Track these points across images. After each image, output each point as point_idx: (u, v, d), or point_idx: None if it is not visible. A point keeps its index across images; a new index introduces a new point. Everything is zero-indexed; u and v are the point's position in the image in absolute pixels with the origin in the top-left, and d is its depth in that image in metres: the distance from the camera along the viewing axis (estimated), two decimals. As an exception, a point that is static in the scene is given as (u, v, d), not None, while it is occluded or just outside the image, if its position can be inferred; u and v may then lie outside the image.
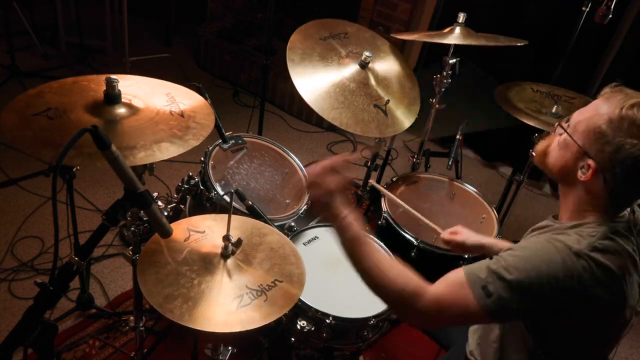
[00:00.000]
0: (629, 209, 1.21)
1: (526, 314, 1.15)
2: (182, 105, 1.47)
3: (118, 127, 1.34)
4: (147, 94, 1.48)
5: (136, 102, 1.42)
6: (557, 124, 1.24)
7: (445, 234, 1.72)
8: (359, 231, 1.20)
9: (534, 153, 1.32)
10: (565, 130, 1.20)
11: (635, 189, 1.13)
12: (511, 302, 1.08)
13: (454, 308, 1.11)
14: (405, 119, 2.07)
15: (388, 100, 2.03)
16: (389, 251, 1.84)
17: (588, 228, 1.15)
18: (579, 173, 1.15)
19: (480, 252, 1.66)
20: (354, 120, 1.92)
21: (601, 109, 1.12)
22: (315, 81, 1.94)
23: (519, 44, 2.16)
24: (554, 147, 1.23)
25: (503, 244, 1.62)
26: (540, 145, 1.29)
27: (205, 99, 1.62)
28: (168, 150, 1.28)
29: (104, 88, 1.37)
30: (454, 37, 2.17)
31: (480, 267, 1.13)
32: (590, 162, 1.13)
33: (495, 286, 1.08)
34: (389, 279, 1.16)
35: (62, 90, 1.44)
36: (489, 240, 1.66)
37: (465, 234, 1.69)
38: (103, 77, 1.43)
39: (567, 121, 1.21)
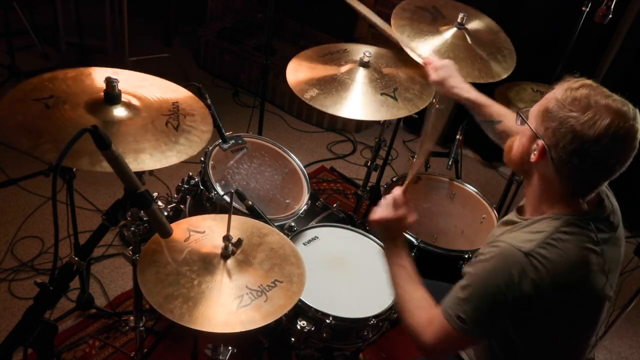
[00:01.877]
0: (598, 202, 1.22)
1: (501, 322, 1.19)
2: (183, 118, 1.46)
3: (113, 128, 1.34)
4: (152, 99, 1.48)
5: (137, 104, 1.42)
6: (516, 112, 1.30)
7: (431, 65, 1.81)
8: (405, 260, 1.39)
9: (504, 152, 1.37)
10: (521, 116, 1.26)
11: (578, 165, 1.12)
12: (482, 319, 1.17)
13: (449, 343, 1.22)
14: (419, 100, 2.06)
15: (396, 88, 2.03)
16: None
17: (542, 224, 1.18)
18: (531, 156, 1.19)
19: (444, 92, 1.77)
20: (361, 106, 1.93)
21: (553, 92, 1.19)
22: (329, 97, 1.95)
23: (493, 80, 2.15)
24: (518, 139, 1.28)
25: (476, 98, 1.72)
26: (508, 142, 1.35)
27: (205, 99, 1.63)
28: (143, 162, 1.28)
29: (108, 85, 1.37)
30: (439, 43, 2.15)
31: (451, 299, 1.21)
32: (539, 141, 1.16)
33: (464, 311, 1.17)
34: (408, 311, 1.31)
35: (73, 81, 1.44)
36: (465, 87, 1.75)
37: (445, 72, 1.77)
38: (122, 71, 1.42)
39: (526, 113, 1.26)
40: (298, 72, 2.00)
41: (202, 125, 1.47)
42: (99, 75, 1.47)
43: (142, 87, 1.51)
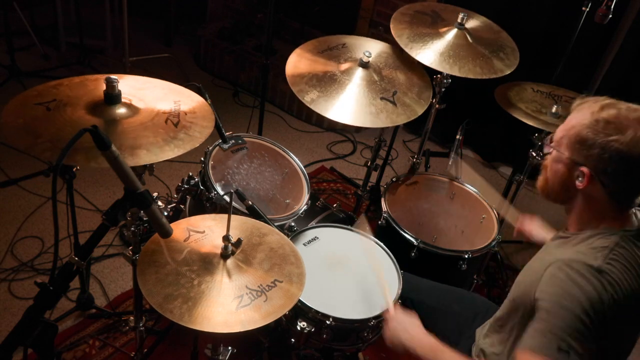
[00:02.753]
0: (638, 214, 1.24)
1: (599, 341, 1.13)
2: (183, 115, 1.46)
3: (113, 128, 1.34)
4: (154, 98, 1.48)
5: (137, 104, 1.42)
6: (544, 146, 1.31)
7: (521, 224, 1.80)
8: (428, 341, 1.35)
9: (538, 190, 1.35)
10: (552, 147, 1.26)
11: (630, 182, 1.16)
12: (583, 342, 1.09)
13: None
14: (417, 105, 2.06)
15: (395, 91, 2.03)
16: (388, 251, 1.84)
17: (600, 239, 1.18)
18: (577, 183, 1.19)
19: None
20: (362, 113, 1.93)
21: (576, 119, 1.19)
22: (326, 97, 1.96)
23: (497, 76, 2.16)
24: (549, 169, 1.28)
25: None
26: (540, 179, 1.34)
27: (205, 99, 1.62)
28: (140, 157, 1.28)
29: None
30: (441, 45, 2.16)
31: (537, 337, 1.13)
32: (583, 168, 1.17)
33: (564, 340, 1.09)
34: None
35: (78, 86, 1.46)
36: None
37: (533, 227, 1.75)
38: (126, 76, 1.42)
39: (551, 141, 1.27)
40: (297, 68, 2.01)
41: (202, 121, 1.47)
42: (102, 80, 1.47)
43: (144, 89, 1.51)
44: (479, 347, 1.48)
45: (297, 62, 2.03)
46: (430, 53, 2.10)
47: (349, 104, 1.94)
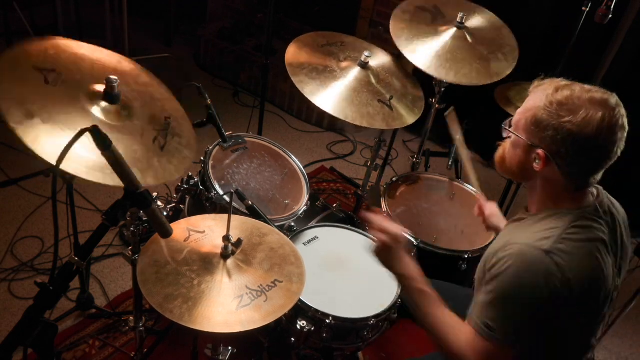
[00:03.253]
0: (594, 192, 1.25)
1: (532, 326, 1.18)
2: (171, 138, 1.43)
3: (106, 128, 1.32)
4: (150, 108, 1.46)
5: (134, 106, 1.41)
6: (502, 127, 1.32)
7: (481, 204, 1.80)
8: (421, 283, 1.34)
9: (496, 165, 1.38)
10: (510, 131, 1.28)
11: (583, 161, 1.17)
12: (513, 326, 1.15)
13: (488, 357, 1.18)
14: (409, 114, 2.07)
15: (392, 97, 2.04)
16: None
17: (553, 220, 1.20)
18: (534, 165, 1.21)
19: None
20: (359, 113, 1.94)
21: (533, 101, 1.22)
22: (326, 90, 1.98)
23: (493, 81, 2.16)
24: (508, 150, 1.30)
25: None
26: (497, 155, 1.36)
27: (205, 99, 1.63)
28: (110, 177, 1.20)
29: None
30: (439, 45, 2.15)
31: (475, 310, 1.22)
32: (539, 151, 1.19)
33: (491, 319, 1.16)
34: (445, 338, 1.26)
35: (79, 61, 1.40)
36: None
37: (491, 210, 1.75)
38: (128, 62, 1.44)
39: (510, 125, 1.29)
40: (298, 58, 2.02)
41: (186, 151, 1.45)
42: (108, 59, 1.43)
43: (142, 86, 1.50)
44: None
45: (298, 52, 2.04)
46: (426, 56, 2.10)
47: (340, 98, 1.96)
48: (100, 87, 1.36)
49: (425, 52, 2.12)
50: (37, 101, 1.23)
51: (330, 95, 1.98)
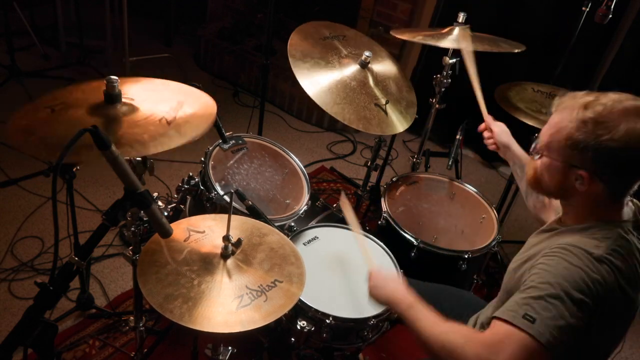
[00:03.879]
0: (632, 207, 1.23)
1: (573, 325, 1.08)
2: (181, 112, 1.42)
3: (113, 126, 1.33)
4: (156, 99, 1.46)
5: (137, 105, 1.42)
6: (531, 150, 1.28)
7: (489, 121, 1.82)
8: (411, 300, 1.33)
9: (529, 185, 1.35)
10: (542, 154, 1.23)
11: (630, 175, 1.16)
12: (556, 317, 1.05)
13: (505, 348, 1.05)
14: (401, 121, 2.07)
15: (387, 101, 2.04)
16: (388, 251, 1.84)
17: (602, 230, 1.16)
18: (577, 185, 1.17)
19: (504, 154, 1.74)
20: (357, 116, 1.93)
21: (561, 121, 1.16)
22: (317, 77, 1.95)
23: (516, 51, 2.16)
24: (542, 172, 1.25)
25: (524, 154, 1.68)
26: (528, 176, 1.32)
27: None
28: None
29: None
30: (452, 38, 2.17)
31: (511, 304, 1.11)
32: (581, 172, 1.15)
33: (534, 309, 1.06)
34: (439, 342, 1.17)
35: (91, 90, 1.44)
36: (516, 146, 1.72)
37: (500, 128, 1.77)
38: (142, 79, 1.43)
39: (537, 145, 1.24)
40: (301, 49, 2.01)
41: (199, 120, 1.40)
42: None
43: (153, 90, 1.51)
44: None
45: (301, 42, 2.03)
46: (449, 41, 2.12)
47: (340, 97, 1.94)
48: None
49: (446, 41, 2.12)
50: (39, 124, 1.31)
51: (330, 94, 1.95)
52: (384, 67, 2.18)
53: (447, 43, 2.13)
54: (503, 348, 1.05)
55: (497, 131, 1.75)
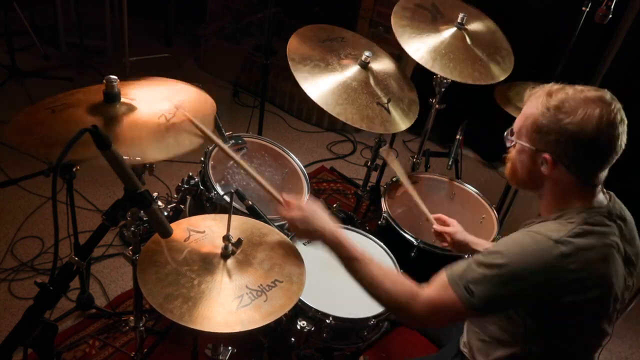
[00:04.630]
0: (607, 196, 1.27)
1: (513, 303, 1.20)
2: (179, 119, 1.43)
3: (114, 125, 1.34)
4: (155, 99, 1.47)
5: (137, 105, 1.42)
6: (505, 138, 1.35)
7: (437, 226, 1.80)
8: (349, 247, 1.34)
9: (508, 180, 1.41)
10: (512, 140, 1.31)
11: (589, 158, 1.19)
12: (495, 296, 1.16)
13: (444, 310, 1.21)
14: (404, 119, 2.08)
15: (389, 99, 2.04)
16: (388, 251, 1.84)
17: (567, 216, 1.21)
18: (542, 169, 1.23)
19: (464, 251, 1.75)
20: (359, 116, 1.94)
21: (530, 109, 1.24)
22: (318, 79, 1.96)
23: (492, 82, 2.16)
24: (515, 160, 1.33)
25: (488, 244, 1.70)
26: (507, 169, 1.39)
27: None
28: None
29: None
30: (440, 44, 2.15)
31: (460, 266, 1.22)
32: (545, 155, 1.21)
33: (476, 284, 1.16)
34: (385, 290, 1.27)
35: (94, 91, 1.45)
36: (474, 239, 1.74)
37: (455, 228, 1.77)
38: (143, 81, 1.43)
39: (512, 134, 1.32)
40: (300, 52, 2.01)
41: (195, 129, 1.42)
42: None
43: (155, 91, 1.51)
44: (463, 339, 1.49)
45: (300, 45, 2.04)
46: (429, 55, 2.10)
47: (342, 98, 1.96)
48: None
49: (428, 50, 2.12)
50: (38, 124, 1.31)
51: (331, 94, 1.97)
52: (384, 66, 2.19)
53: (424, 58, 2.11)
54: (443, 310, 1.21)
55: (453, 231, 1.76)
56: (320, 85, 1.95)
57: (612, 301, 1.22)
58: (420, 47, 2.14)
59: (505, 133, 1.35)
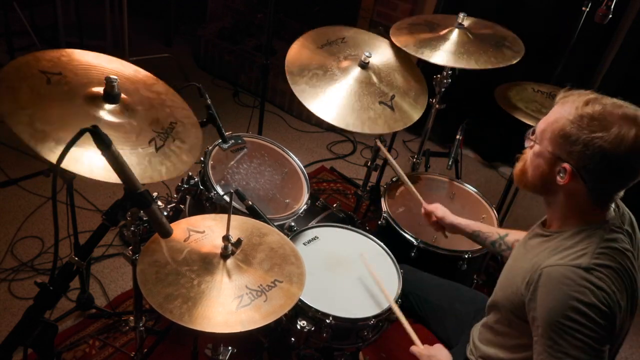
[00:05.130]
0: (614, 206, 1.23)
1: (590, 343, 1.12)
2: (172, 141, 1.43)
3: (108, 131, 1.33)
4: (156, 113, 1.47)
5: (135, 109, 1.42)
6: (525, 136, 1.28)
7: (426, 205, 1.84)
8: None
9: (514, 178, 1.35)
10: (534, 141, 1.24)
11: (611, 179, 1.15)
12: (587, 347, 1.09)
13: None
14: (413, 110, 2.07)
15: (393, 96, 2.03)
16: (388, 251, 1.84)
17: (584, 237, 1.17)
18: (558, 178, 1.18)
19: (458, 232, 1.76)
20: (360, 120, 1.94)
21: (560, 113, 1.17)
22: (318, 89, 1.97)
23: (514, 62, 2.16)
24: (530, 162, 1.26)
25: (476, 226, 1.71)
26: (517, 168, 1.33)
27: (205, 99, 1.62)
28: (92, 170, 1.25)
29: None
30: (446, 50, 2.16)
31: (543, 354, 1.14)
32: (565, 164, 1.15)
33: (568, 355, 1.09)
34: None
35: (87, 68, 1.44)
36: (461, 221, 1.74)
37: (441, 212, 1.79)
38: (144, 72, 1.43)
39: (533, 133, 1.25)
40: (298, 60, 2.01)
41: (184, 155, 1.44)
42: (122, 68, 1.44)
43: (155, 93, 1.51)
44: (475, 348, 1.48)
45: (298, 55, 2.04)
46: (441, 54, 2.10)
47: (340, 105, 1.96)
48: (100, 89, 1.37)
49: (439, 52, 2.12)
50: (31, 97, 1.26)
51: (331, 103, 1.97)
52: (387, 60, 2.17)
53: (439, 58, 2.11)
54: None
55: (441, 215, 1.77)
56: (325, 100, 1.96)
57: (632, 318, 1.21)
58: (432, 53, 2.13)
59: (527, 132, 1.28)
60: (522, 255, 1.30)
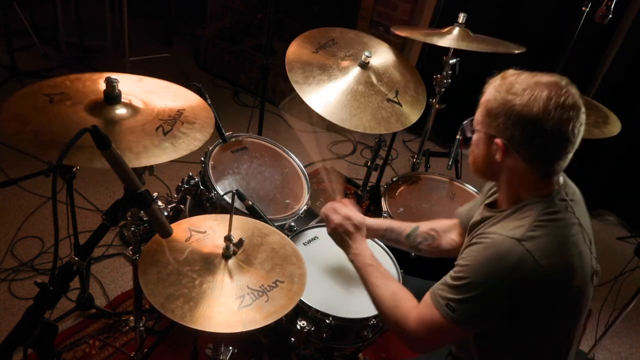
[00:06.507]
0: (560, 178, 1.23)
1: (496, 314, 1.18)
2: (180, 124, 1.42)
3: (110, 128, 1.33)
4: (158, 105, 1.46)
5: (138, 106, 1.42)
6: (464, 126, 1.33)
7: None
8: (371, 258, 1.41)
9: (471, 169, 1.35)
10: (469, 128, 1.29)
11: (541, 143, 1.14)
12: (476, 309, 1.16)
13: (433, 327, 1.20)
14: (417, 103, 2.06)
15: (397, 91, 2.02)
16: (388, 251, 1.84)
17: (525, 211, 1.19)
18: (496, 156, 1.20)
19: (370, 235, 1.61)
20: (375, 120, 1.92)
21: (485, 96, 1.22)
22: (325, 95, 1.93)
23: (516, 52, 2.16)
24: (474, 151, 1.29)
25: (387, 223, 1.65)
26: (470, 161, 1.33)
27: (205, 99, 1.62)
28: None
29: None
30: (451, 38, 2.17)
31: (440, 285, 1.22)
32: (496, 140, 1.18)
33: (455, 299, 1.16)
34: (389, 307, 1.31)
35: (92, 82, 1.45)
36: (374, 222, 1.61)
37: (348, 210, 1.56)
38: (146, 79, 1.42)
39: (473, 123, 1.29)
40: (298, 61, 1.99)
41: (197, 133, 1.42)
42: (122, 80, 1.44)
43: (155, 92, 1.50)
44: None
45: (298, 57, 2.02)
46: (446, 41, 2.13)
47: (354, 108, 1.93)
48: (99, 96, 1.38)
49: (444, 39, 2.13)
50: (34, 115, 1.29)
51: (344, 107, 1.90)
52: (383, 57, 2.17)
53: (446, 42, 2.13)
54: (432, 327, 1.21)
55: (347, 213, 1.54)
56: (328, 100, 1.91)
57: (581, 286, 1.20)
58: (438, 39, 2.12)
59: (465, 122, 1.31)
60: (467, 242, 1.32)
